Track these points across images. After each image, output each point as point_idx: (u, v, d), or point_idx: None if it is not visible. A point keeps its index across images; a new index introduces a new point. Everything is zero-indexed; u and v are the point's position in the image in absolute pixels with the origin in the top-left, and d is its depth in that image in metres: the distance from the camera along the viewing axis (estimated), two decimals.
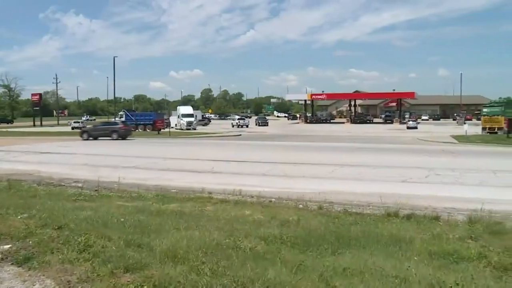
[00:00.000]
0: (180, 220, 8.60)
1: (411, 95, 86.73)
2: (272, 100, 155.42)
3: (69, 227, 7.41)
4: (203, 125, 73.79)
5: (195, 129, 61.74)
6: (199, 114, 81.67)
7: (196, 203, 10.90)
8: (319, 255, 6.43)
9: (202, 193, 12.42)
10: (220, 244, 6.68)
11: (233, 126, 70.12)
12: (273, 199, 11.81)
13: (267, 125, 71.33)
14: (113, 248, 6.22)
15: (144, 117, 62.54)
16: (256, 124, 70.87)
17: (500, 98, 63.47)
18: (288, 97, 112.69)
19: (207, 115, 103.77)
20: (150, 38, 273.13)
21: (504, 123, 41.36)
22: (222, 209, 10.17)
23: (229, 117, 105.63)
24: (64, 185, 14.94)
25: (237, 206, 10.55)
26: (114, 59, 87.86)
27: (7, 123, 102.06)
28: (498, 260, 6.35)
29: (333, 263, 5.92)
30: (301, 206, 10.80)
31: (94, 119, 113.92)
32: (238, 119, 75.29)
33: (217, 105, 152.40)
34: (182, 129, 60.46)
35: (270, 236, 7.39)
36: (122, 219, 8.33)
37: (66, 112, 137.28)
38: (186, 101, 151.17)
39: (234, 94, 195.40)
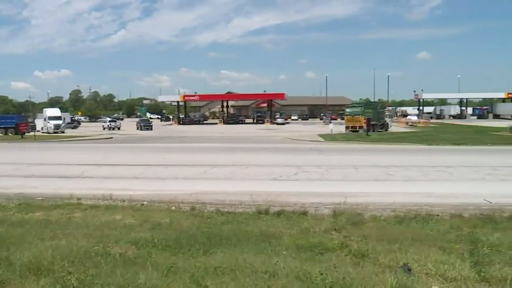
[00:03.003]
0: (46, 229, 8.12)
1: (281, 96, 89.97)
2: (144, 101, 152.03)
3: None
4: (72, 128, 69.83)
5: (63, 132, 58.20)
6: (67, 116, 77.09)
7: (63, 210, 10.36)
8: (191, 256, 6.46)
9: (71, 200, 11.76)
10: (88, 252, 6.43)
11: (104, 128, 67.26)
12: (145, 202, 11.56)
13: (151, 129, 63.85)
14: None
15: (4, 120, 57.52)
16: (137, 128, 64.61)
17: (360, 99, 68.36)
18: (161, 98, 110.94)
19: (76, 118, 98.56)
20: (10, 34, 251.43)
21: (364, 122, 44.53)
22: (92, 215, 9.78)
23: (100, 119, 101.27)
24: None
25: (107, 211, 10.20)
26: None
27: None
28: (357, 248, 6.89)
29: (204, 263, 5.97)
30: (173, 208, 10.74)
31: None
32: (110, 121, 72.41)
33: (87, 107, 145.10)
34: (49, 133, 56.61)
35: (142, 240, 7.27)
36: None
37: None
38: (53, 102, 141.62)
39: (105, 95, 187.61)
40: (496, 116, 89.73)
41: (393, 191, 13.13)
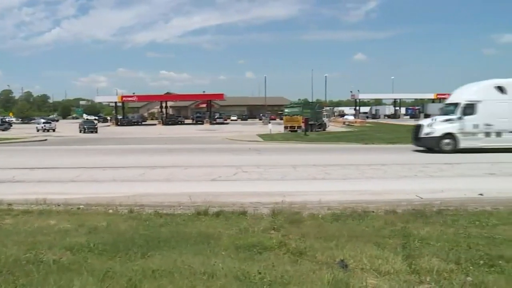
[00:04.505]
0: None
1: (220, 96, 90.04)
2: (81, 102, 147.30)
3: None
4: (3, 130, 66.70)
5: None
6: None
7: None
8: (128, 260, 6.33)
9: (0, 205, 11.23)
10: (19, 260, 6.16)
11: (38, 130, 64.65)
12: (81, 206, 11.19)
13: (96, 132, 59.05)
14: None
15: None
16: (80, 131, 59.41)
17: (299, 99, 69.39)
18: (98, 99, 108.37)
19: (7, 119, 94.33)
20: None
21: (302, 122, 45.30)
22: (23, 221, 9.34)
23: (33, 121, 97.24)
24: None
25: (41, 217, 9.78)
26: None
27: None
28: (295, 246, 6.99)
29: (142, 267, 5.88)
30: (111, 211, 10.46)
31: None
32: (44, 122, 69.81)
33: (20, 108, 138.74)
34: None
35: (77, 245, 7.05)
36: None
37: None
38: None
39: (38, 96, 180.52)
40: (427, 116, 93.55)
41: (330, 189, 13.43)
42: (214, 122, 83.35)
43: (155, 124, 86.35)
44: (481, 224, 8.74)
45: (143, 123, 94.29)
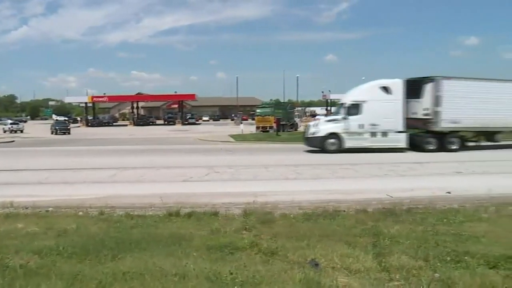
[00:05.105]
0: None
1: (191, 97, 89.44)
2: (50, 102, 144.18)
3: None
4: None
5: None
6: None
7: None
8: (98, 262, 6.24)
9: None
10: None
11: (5, 131, 63.08)
12: (50, 209, 10.96)
13: (69, 133, 56.36)
14: None
15: None
16: (52, 132, 56.30)
17: (271, 99, 69.68)
18: (68, 99, 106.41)
19: None
20: None
21: (274, 122, 45.40)
22: None
23: (0, 122, 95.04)
24: None
25: (8, 220, 9.55)
26: None
27: None
28: (267, 246, 7.01)
29: (112, 269, 5.80)
30: (81, 213, 10.29)
31: None
32: (11, 123, 68.14)
33: None
34: None
35: (45, 249, 6.91)
36: None
37: None
38: None
39: (5, 96, 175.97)
40: None
41: (302, 189, 13.51)
42: (186, 122, 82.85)
43: (126, 125, 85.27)
44: (449, 221, 8.96)
45: (114, 123, 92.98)
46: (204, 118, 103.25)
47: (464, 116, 25.75)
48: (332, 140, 25.19)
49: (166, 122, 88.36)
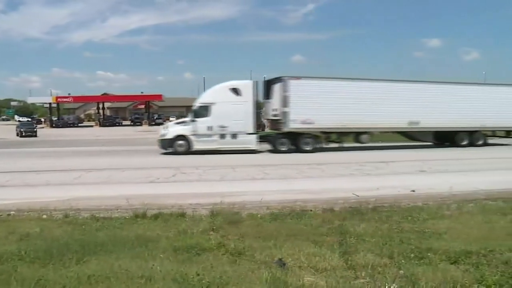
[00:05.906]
0: None
1: (158, 97, 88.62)
2: (12, 103, 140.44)
3: None
4: None
5: None
6: None
7: None
8: (62, 266, 6.11)
9: None
10: None
11: None
12: (12, 212, 10.67)
13: (36, 135, 52.82)
14: None
15: None
16: (17, 134, 52.51)
17: None
18: (30, 100, 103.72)
19: None
20: None
21: None
22: None
23: None
24: None
25: None
26: None
27: None
28: (234, 247, 7.02)
29: (77, 273, 5.70)
30: (45, 216, 10.06)
31: None
32: None
33: None
34: None
35: (6, 254, 6.71)
36: None
37: None
38: None
39: None
40: None
41: (269, 189, 13.55)
42: (153, 123, 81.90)
43: (92, 126, 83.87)
44: (413, 219, 9.16)
45: (80, 124, 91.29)
46: (172, 119, 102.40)
47: (318, 117, 25.44)
48: (180, 142, 25.31)
49: (132, 123, 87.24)
